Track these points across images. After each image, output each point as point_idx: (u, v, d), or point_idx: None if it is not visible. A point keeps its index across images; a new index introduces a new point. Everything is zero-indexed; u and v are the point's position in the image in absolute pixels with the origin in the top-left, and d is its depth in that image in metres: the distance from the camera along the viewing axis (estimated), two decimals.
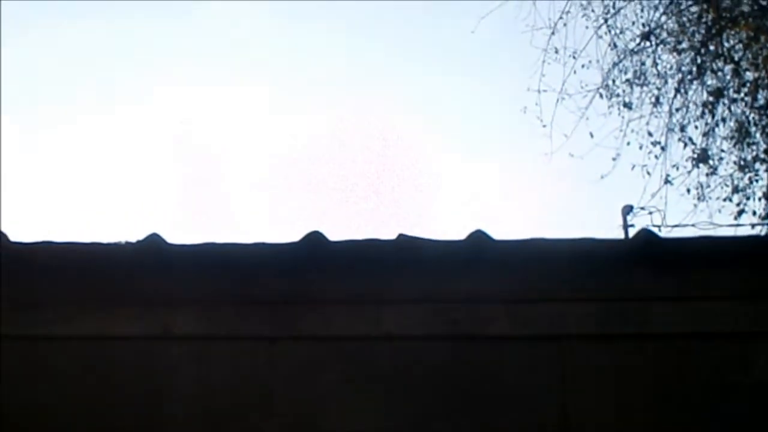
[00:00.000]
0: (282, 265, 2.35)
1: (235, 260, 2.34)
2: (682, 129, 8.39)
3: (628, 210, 10.81)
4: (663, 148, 8.35)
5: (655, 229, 8.45)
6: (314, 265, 2.34)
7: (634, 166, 8.34)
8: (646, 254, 2.30)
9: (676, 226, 8.80)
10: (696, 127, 8.45)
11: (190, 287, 2.35)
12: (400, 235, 2.30)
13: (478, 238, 2.30)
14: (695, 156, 8.48)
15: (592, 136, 8.55)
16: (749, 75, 8.85)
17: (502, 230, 2.31)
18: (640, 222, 9.45)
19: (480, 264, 2.33)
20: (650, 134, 8.39)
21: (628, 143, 8.43)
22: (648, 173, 8.32)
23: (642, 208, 9.13)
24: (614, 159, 8.51)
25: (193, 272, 2.35)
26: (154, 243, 2.32)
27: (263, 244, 2.35)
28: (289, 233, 2.34)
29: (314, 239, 2.32)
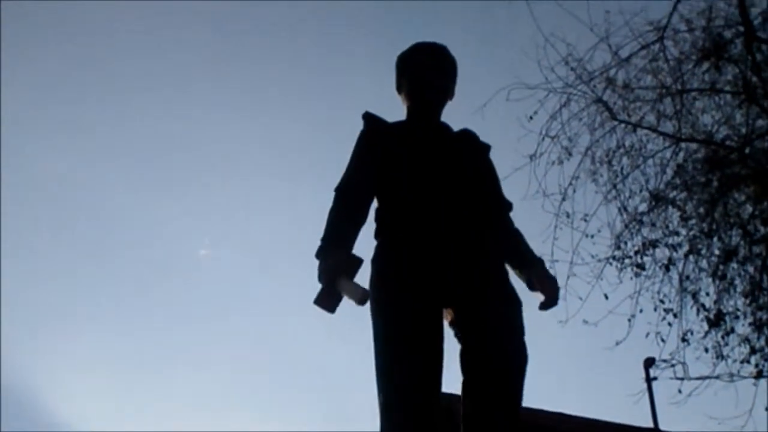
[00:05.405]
0: None
1: None
2: (694, 296, 8.55)
3: (650, 363, 10.86)
4: (675, 315, 8.50)
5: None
6: None
7: (648, 334, 8.46)
8: None
9: (700, 378, 8.85)
10: (707, 294, 8.60)
11: None
12: None
13: None
14: (709, 319, 8.61)
15: (606, 297, 8.70)
16: (759, 233, 9.04)
17: None
18: (663, 375, 9.50)
19: None
20: (662, 302, 8.54)
21: (641, 310, 8.58)
22: (663, 340, 8.44)
23: (664, 361, 9.17)
24: (629, 320, 8.64)
25: None
26: None
27: None
28: None
29: None
